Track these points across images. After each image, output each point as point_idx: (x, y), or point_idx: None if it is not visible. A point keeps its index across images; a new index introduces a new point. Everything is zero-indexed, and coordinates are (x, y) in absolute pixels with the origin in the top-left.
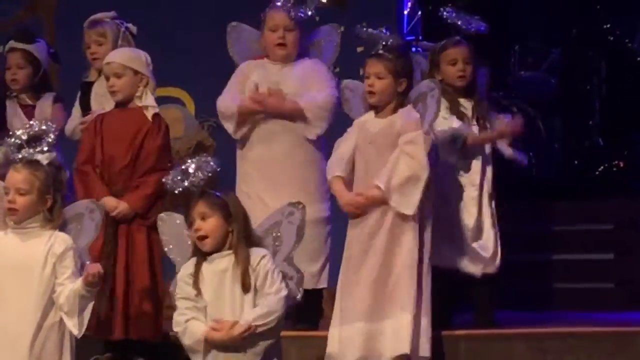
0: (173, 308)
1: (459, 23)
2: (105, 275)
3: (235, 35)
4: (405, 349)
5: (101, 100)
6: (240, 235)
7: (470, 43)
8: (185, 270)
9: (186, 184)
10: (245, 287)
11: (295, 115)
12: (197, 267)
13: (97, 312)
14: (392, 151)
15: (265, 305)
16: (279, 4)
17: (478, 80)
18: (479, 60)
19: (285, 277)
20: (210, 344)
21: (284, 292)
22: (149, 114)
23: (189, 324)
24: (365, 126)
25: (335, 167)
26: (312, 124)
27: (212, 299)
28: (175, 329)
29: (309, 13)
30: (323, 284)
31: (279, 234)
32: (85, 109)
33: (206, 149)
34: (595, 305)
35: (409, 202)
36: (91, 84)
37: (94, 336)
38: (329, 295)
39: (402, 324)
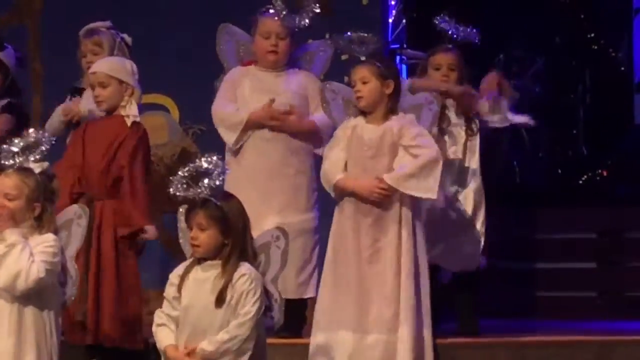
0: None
1: (450, 31)
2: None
3: (226, 37)
4: None
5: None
6: (235, 249)
7: (460, 52)
8: (177, 270)
9: (192, 191)
10: (218, 302)
11: (311, 135)
12: (188, 269)
13: (71, 316)
14: (390, 157)
15: (227, 332)
16: (272, 11)
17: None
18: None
19: (271, 298)
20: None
21: (251, 315)
22: (129, 122)
23: (158, 330)
24: (356, 131)
25: (335, 171)
26: (323, 143)
27: (186, 305)
28: (153, 327)
29: (303, 22)
30: (310, 293)
31: (268, 255)
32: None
33: (190, 156)
34: (578, 314)
35: (427, 186)
36: (82, 89)
37: (67, 341)
38: (312, 304)
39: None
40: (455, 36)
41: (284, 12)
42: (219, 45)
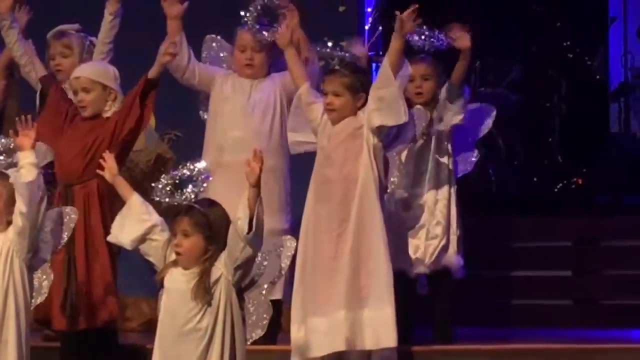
0: (130, 320)
1: (417, 44)
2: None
3: (212, 47)
4: (391, 342)
5: None
6: (217, 254)
7: (433, 60)
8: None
9: (176, 198)
10: (193, 295)
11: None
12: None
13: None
14: (352, 141)
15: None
16: (246, 26)
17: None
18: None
19: (256, 306)
20: None
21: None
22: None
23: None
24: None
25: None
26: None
27: (167, 288)
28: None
29: (274, 37)
30: (277, 295)
31: (265, 263)
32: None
33: (166, 162)
34: (554, 322)
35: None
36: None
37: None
38: (288, 309)
39: (385, 316)
40: (426, 45)
41: (256, 27)
42: (203, 55)
